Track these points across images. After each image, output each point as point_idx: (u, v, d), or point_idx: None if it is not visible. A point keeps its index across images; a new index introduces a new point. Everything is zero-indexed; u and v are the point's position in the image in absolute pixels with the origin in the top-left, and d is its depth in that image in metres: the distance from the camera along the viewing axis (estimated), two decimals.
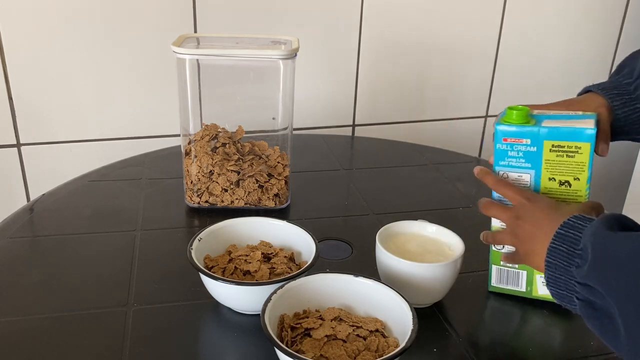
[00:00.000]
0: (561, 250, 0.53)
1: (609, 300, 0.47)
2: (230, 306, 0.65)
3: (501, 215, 0.64)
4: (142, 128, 1.20)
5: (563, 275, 0.52)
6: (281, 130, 0.87)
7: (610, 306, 0.47)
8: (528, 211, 0.60)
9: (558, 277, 0.53)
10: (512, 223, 0.61)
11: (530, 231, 0.59)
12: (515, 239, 0.61)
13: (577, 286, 0.51)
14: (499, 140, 0.64)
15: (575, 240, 0.52)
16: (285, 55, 0.79)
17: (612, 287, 0.47)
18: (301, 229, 0.70)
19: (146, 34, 1.13)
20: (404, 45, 1.30)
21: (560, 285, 0.53)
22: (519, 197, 0.62)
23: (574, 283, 0.51)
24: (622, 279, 0.46)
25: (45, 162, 1.18)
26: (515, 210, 0.62)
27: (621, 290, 0.46)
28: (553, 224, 0.55)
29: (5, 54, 1.08)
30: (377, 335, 0.57)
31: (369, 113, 1.33)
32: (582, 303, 0.50)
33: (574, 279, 0.51)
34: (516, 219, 0.61)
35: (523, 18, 1.35)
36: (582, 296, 0.50)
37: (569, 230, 0.53)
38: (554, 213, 0.58)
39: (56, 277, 0.71)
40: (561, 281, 0.52)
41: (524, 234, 0.60)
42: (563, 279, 0.52)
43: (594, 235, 0.50)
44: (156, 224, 0.83)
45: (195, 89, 0.83)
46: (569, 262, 0.52)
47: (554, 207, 0.59)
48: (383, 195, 0.94)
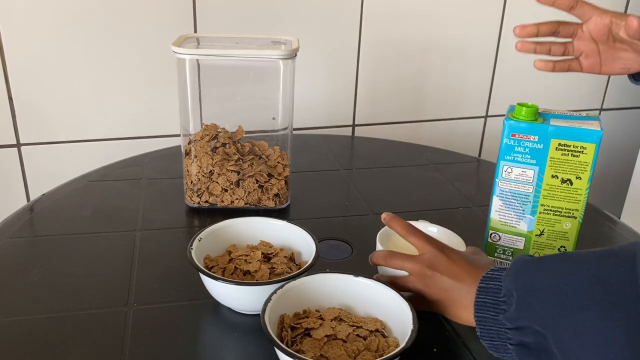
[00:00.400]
0: (487, 302, 0.53)
1: (541, 334, 0.47)
2: (230, 306, 0.65)
3: (409, 264, 0.61)
4: (142, 128, 1.20)
5: (494, 326, 0.53)
6: (281, 130, 0.87)
7: (543, 340, 0.47)
8: (443, 263, 0.59)
9: (489, 329, 0.53)
10: (424, 273, 0.60)
11: (448, 283, 0.58)
12: (427, 288, 0.60)
13: (508, 332, 0.51)
14: (507, 135, 0.66)
15: (497, 289, 0.53)
16: (285, 55, 0.79)
17: (541, 317, 0.48)
18: (301, 229, 0.70)
19: (146, 34, 1.13)
20: (404, 45, 1.30)
21: (493, 337, 0.53)
22: (431, 247, 0.61)
23: (504, 330, 0.52)
24: (548, 305, 0.47)
25: (45, 162, 1.18)
26: (427, 260, 0.60)
27: (550, 317, 0.47)
28: (472, 278, 0.57)
29: (5, 54, 1.08)
30: (377, 335, 0.57)
31: (369, 113, 1.33)
32: (516, 348, 0.51)
33: (504, 326, 0.52)
34: (430, 268, 0.59)
35: (523, 18, 1.35)
36: (515, 340, 0.51)
37: (489, 282, 0.54)
38: (470, 267, 0.59)
39: (56, 277, 0.71)
40: (493, 332, 0.53)
41: (440, 285, 0.59)
42: (494, 330, 0.53)
43: (515, 275, 0.52)
44: (156, 224, 0.83)
45: (195, 89, 0.83)
46: (496, 311, 0.53)
47: (469, 261, 0.60)
48: (383, 195, 0.94)
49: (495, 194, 0.68)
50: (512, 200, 0.67)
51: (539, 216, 0.67)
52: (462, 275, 0.58)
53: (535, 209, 0.67)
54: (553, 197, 0.66)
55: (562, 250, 0.68)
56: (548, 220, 0.67)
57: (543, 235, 0.68)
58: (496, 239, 0.70)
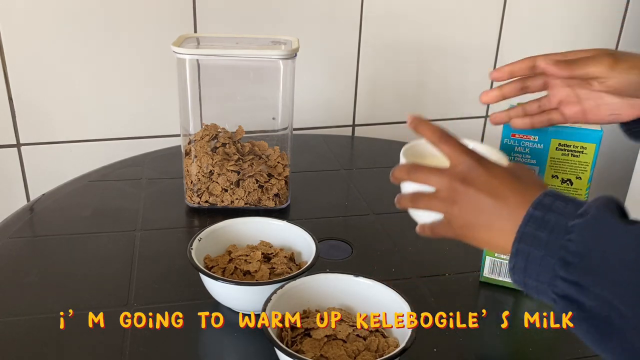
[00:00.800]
0: (538, 238, 0.43)
1: (612, 306, 0.39)
2: (230, 306, 0.65)
3: (436, 177, 0.51)
4: (142, 128, 1.20)
5: (538, 267, 0.43)
6: (281, 130, 0.87)
7: (612, 311, 0.40)
8: (480, 176, 0.48)
9: (530, 267, 0.44)
10: (454, 187, 0.49)
11: (484, 202, 0.47)
12: (456, 208, 0.49)
13: (558, 282, 0.42)
14: (507, 135, 0.66)
15: (558, 226, 0.43)
16: (285, 55, 0.79)
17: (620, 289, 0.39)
18: (301, 229, 0.70)
19: (146, 34, 1.13)
20: (404, 45, 1.30)
21: (530, 275, 0.44)
22: (466, 157, 0.50)
23: (553, 277, 0.42)
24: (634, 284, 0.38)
25: (45, 162, 1.18)
26: (461, 172, 0.49)
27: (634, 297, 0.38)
28: (518, 198, 0.46)
29: (5, 54, 1.08)
30: (377, 335, 0.57)
31: (369, 113, 1.33)
32: (562, 300, 0.42)
33: (554, 273, 0.42)
34: (462, 182, 0.49)
35: (523, 18, 1.35)
36: (564, 292, 0.42)
37: (547, 213, 0.44)
38: (516, 184, 0.48)
39: (56, 277, 0.71)
40: (532, 271, 0.44)
41: (474, 204, 0.48)
42: (536, 270, 0.43)
43: (593, 226, 0.41)
44: (156, 224, 0.83)
45: (195, 89, 0.83)
46: (549, 253, 0.43)
47: (514, 177, 0.49)
48: (383, 195, 0.94)
49: None
50: None
51: None
52: (504, 193, 0.47)
53: None
54: None
55: None
56: None
57: None
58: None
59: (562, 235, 0.42)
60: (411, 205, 0.54)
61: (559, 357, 0.62)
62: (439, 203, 0.50)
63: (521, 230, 0.44)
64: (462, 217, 0.49)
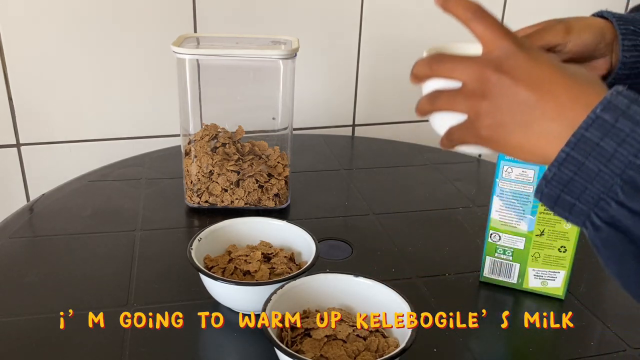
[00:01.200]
0: (602, 148, 0.34)
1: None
2: (230, 306, 0.65)
3: (463, 66, 0.41)
4: (142, 128, 1.20)
5: (590, 183, 0.35)
6: (281, 130, 0.87)
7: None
8: (522, 63, 0.39)
9: (577, 182, 0.36)
10: (486, 77, 0.40)
11: (523, 96, 0.38)
12: (487, 104, 0.40)
13: (612, 206, 0.34)
14: None
15: (633, 139, 0.34)
16: (285, 55, 0.79)
17: None
18: (301, 229, 0.70)
19: (146, 34, 1.13)
20: (404, 45, 1.30)
21: (573, 191, 0.36)
22: (505, 40, 0.40)
23: (607, 199, 0.35)
24: None
25: (45, 162, 1.18)
26: (496, 59, 0.40)
27: None
28: (570, 94, 0.37)
29: (5, 54, 1.08)
30: (377, 335, 0.57)
31: (369, 113, 1.33)
32: (608, 228, 0.35)
33: (612, 195, 0.34)
34: (497, 70, 0.39)
35: (523, 18, 1.35)
36: (616, 220, 0.34)
37: (619, 117, 0.34)
38: (567, 77, 0.38)
39: (56, 277, 0.71)
40: (578, 187, 0.36)
41: (511, 98, 0.39)
42: (584, 186, 0.35)
43: None
44: (156, 224, 0.83)
45: (195, 89, 0.83)
46: (612, 170, 0.34)
47: (564, 67, 0.39)
48: (383, 195, 0.94)
49: (495, 194, 0.68)
50: (512, 200, 0.67)
51: (539, 216, 0.67)
52: (552, 88, 0.38)
53: (536, 209, 0.67)
54: None
55: (563, 250, 0.67)
56: (548, 220, 0.67)
57: (543, 235, 0.68)
58: (496, 239, 0.70)
59: (636, 150, 0.34)
60: (430, 108, 0.44)
61: (559, 357, 0.62)
62: (464, 99, 0.41)
63: (580, 134, 0.35)
64: (491, 115, 0.40)
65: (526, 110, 0.38)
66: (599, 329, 0.65)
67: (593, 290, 0.72)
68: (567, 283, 0.69)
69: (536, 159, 0.39)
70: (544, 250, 0.68)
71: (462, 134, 0.43)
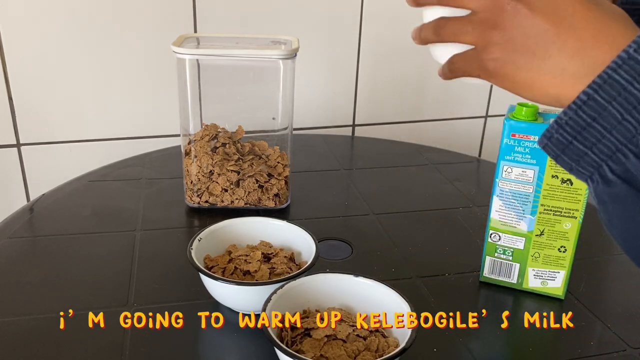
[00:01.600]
0: (630, 94, 0.31)
1: None
2: (230, 306, 0.65)
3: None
4: (142, 128, 1.20)
5: (609, 132, 0.32)
6: (281, 130, 0.87)
7: None
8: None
9: (593, 129, 0.32)
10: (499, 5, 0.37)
11: (539, 27, 0.35)
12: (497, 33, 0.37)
13: (630, 159, 0.32)
14: (507, 135, 0.66)
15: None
16: (285, 55, 0.79)
17: None
18: (301, 229, 0.70)
19: (146, 34, 1.13)
20: (404, 45, 1.30)
21: (587, 140, 0.33)
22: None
23: (624, 150, 0.32)
24: None
25: (45, 162, 1.18)
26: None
27: None
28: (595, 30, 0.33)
29: (5, 54, 1.08)
30: (377, 335, 0.57)
31: (369, 113, 1.33)
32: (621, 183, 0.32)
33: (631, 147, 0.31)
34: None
35: None
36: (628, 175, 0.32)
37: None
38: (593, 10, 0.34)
39: (56, 277, 0.71)
40: (594, 134, 0.33)
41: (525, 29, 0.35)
42: (601, 134, 0.32)
43: None
44: (156, 224, 0.83)
45: (195, 89, 0.83)
46: (636, 118, 0.31)
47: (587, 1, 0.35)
48: (383, 195, 0.94)
49: (495, 194, 0.68)
50: (512, 200, 0.67)
51: (539, 216, 0.67)
52: (573, 20, 0.34)
53: (536, 209, 0.67)
54: (553, 197, 0.66)
55: (563, 250, 0.67)
56: (548, 220, 0.67)
57: (543, 235, 0.68)
58: (496, 239, 0.70)
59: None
60: (434, 37, 0.41)
61: (559, 357, 0.62)
62: (473, 28, 0.38)
63: (607, 75, 0.32)
64: (501, 47, 0.36)
65: (541, 44, 0.35)
66: (599, 329, 0.65)
67: (593, 290, 0.72)
68: (567, 283, 0.69)
69: (546, 99, 0.36)
70: (544, 250, 0.68)
71: (466, 64, 0.40)
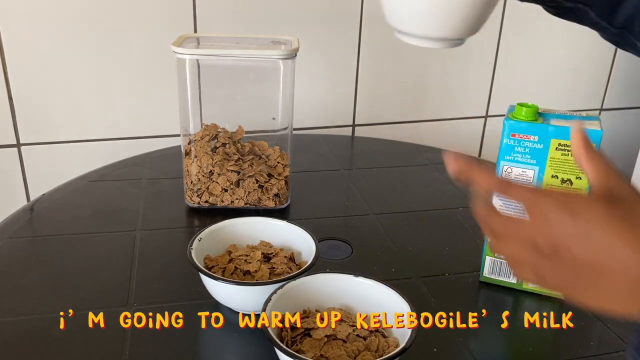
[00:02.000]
0: None
1: None
2: (230, 306, 0.65)
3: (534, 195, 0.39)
4: (142, 128, 1.20)
5: None
6: (281, 130, 0.87)
7: None
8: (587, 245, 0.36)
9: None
10: (554, 243, 0.38)
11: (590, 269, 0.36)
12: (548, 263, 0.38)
13: None
14: (507, 135, 0.66)
15: None
16: (285, 55, 0.79)
17: None
18: (301, 229, 0.70)
19: (146, 34, 1.13)
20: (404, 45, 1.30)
21: None
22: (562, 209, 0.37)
23: None
24: None
25: (45, 162, 1.18)
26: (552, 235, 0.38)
27: None
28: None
29: (5, 54, 1.08)
30: (377, 335, 0.57)
31: (369, 113, 1.33)
32: None
33: None
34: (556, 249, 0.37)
35: (523, 18, 1.35)
36: None
37: None
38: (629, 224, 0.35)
39: (56, 277, 0.71)
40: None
41: (574, 269, 0.37)
42: None
43: None
44: (156, 224, 0.83)
45: (195, 89, 0.83)
46: None
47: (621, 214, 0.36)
48: (383, 195, 0.94)
49: (495, 194, 0.68)
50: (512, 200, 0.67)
51: None
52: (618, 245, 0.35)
53: None
54: None
55: None
56: None
57: None
58: None
59: None
60: (495, 248, 0.41)
61: (559, 357, 0.62)
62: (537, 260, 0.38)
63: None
64: (556, 277, 0.38)
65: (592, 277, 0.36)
66: (599, 329, 0.65)
67: None
68: None
69: (620, 315, 0.37)
70: None
71: (529, 278, 0.40)
